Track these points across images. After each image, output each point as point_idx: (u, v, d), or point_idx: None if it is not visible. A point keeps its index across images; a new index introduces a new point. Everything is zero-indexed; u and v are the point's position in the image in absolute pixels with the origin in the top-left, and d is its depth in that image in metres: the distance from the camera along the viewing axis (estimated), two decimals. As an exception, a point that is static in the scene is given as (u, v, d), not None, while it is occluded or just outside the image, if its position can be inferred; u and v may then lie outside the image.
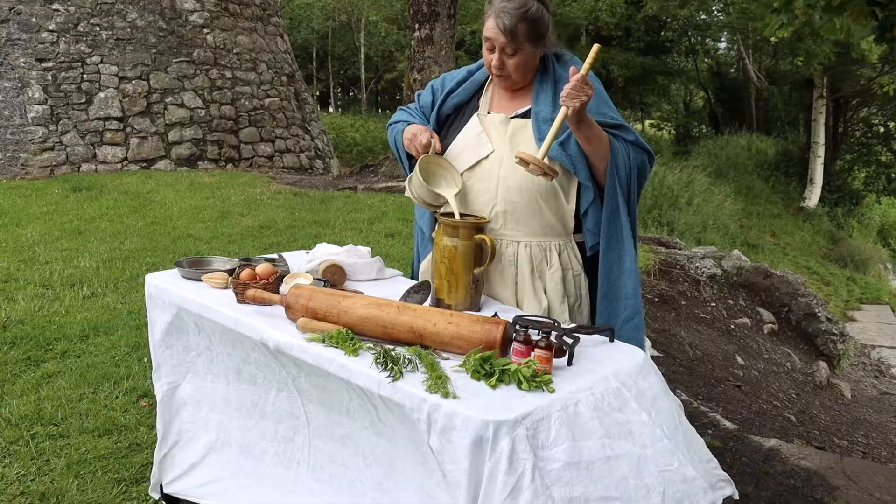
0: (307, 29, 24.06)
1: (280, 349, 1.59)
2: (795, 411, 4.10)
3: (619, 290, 1.85)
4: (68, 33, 9.23)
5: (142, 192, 7.32)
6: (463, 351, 1.48)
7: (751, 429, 3.45)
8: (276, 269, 1.91)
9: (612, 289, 1.85)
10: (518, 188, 1.85)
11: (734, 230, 11.82)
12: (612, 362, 1.51)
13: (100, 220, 6.07)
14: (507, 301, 1.91)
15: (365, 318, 1.57)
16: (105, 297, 4.09)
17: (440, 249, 1.82)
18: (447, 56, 8.57)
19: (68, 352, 3.31)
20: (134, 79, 9.44)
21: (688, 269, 5.74)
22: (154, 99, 9.56)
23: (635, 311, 1.86)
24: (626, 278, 1.84)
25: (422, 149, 1.90)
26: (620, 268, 1.84)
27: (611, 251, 1.85)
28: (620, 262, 1.84)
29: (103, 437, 2.58)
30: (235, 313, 1.73)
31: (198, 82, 9.95)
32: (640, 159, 1.85)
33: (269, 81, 10.89)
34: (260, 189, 7.80)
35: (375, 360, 1.44)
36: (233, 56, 10.39)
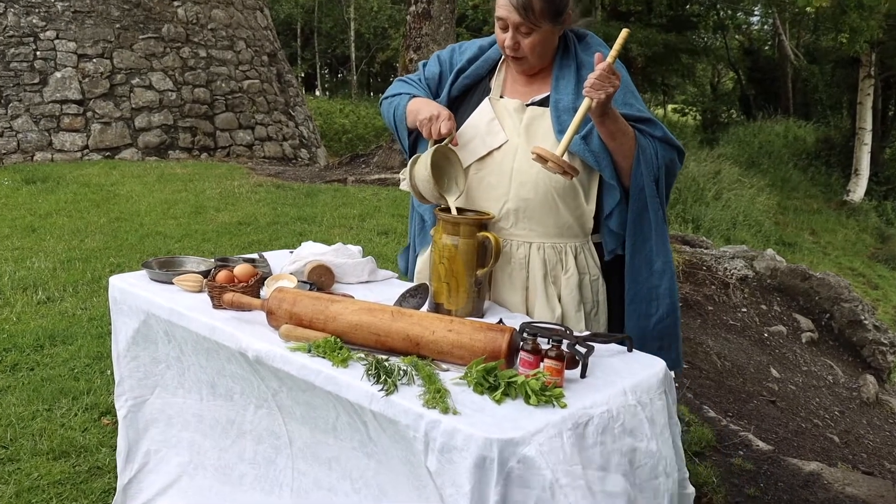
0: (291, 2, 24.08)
1: (260, 360, 1.59)
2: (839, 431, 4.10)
3: (651, 292, 1.87)
4: (17, 3, 9.22)
5: (105, 185, 7.32)
6: (464, 361, 1.49)
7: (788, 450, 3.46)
8: (256, 271, 1.91)
9: (642, 291, 1.87)
10: (533, 184, 1.85)
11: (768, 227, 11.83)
12: (631, 375, 1.51)
13: (57, 215, 6.07)
14: (516, 308, 1.91)
15: (355, 325, 1.57)
16: (63, 303, 4.09)
17: (439, 249, 1.82)
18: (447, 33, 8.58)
19: (20, 364, 3.31)
20: (95, 57, 9.45)
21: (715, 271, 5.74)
22: (118, 80, 9.57)
23: (670, 311, 1.88)
24: (658, 279, 1.86)
25: (438, 136, 1.86)
26: (650, 270, 1.86)
27: (638, 254, 1.86)
28: (649, 265, 1.86)
29: (59, 460, 2.57)
30: (210, 320, 1.73)
31: (168, 62, 9.97)
32: (668, 157, 1.86)
33: (248, 61, 10.90)
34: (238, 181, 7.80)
35: (367, 371, 1.44)
36: (207, 32, 10.41)
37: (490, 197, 1.91)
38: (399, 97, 2.02)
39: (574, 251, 1.89)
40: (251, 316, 1.76)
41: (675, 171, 1.90)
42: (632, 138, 1.80)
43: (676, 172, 1.90)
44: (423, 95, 2.00)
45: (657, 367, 1.57)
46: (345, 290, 2.04)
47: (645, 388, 1.49)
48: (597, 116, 1.74)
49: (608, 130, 1.77)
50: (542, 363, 1.43)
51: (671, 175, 1.88)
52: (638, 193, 1.83)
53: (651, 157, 1.82)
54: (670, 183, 1.89)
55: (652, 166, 1.82)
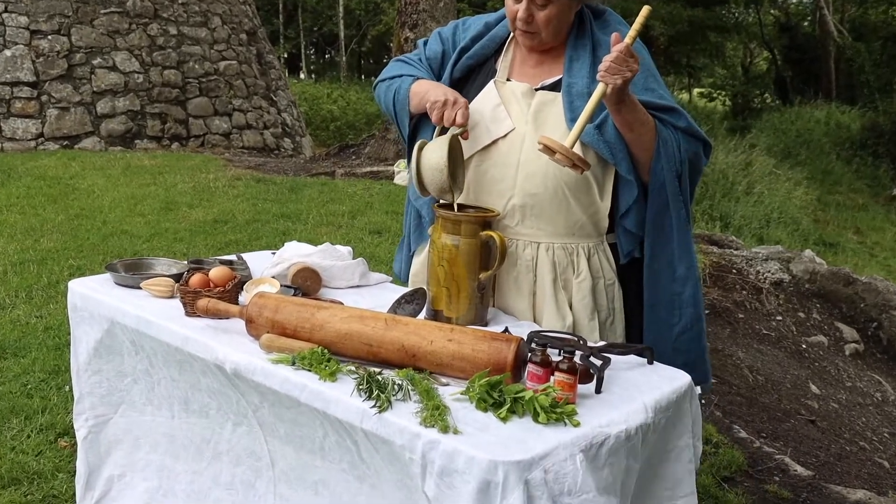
0: (271, -27, 24.09)
1: (239, 373, 1.60)
2: (889, 455, 4.10)
3: (673, 300, 1.87)
4: (-41, -29, 9.23)
5: (63, 178, 7.33)
6: (466, 375, 1.49)
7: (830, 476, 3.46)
8: (234, 274, 1.92)
9: (663, 298, 1.88)
10: (542, 177, 1.86)
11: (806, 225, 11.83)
12: (652, 389, 1.52)
13: (8, 211, 6.08)
14: (523, 315, 1.92)
15: (345, 335, 1.58)
16: (15, 310, 4.10)
17: (438, 249, 1.83)
18: (446, 8, 8.60)
19: (-34, 379, 3.32)
20: (50, 33, 9.46)
21: (746, 274, 5.75)
22: (77, 60, 9.58)
23: (694, 320, 1.89)
24: (680, 285, 1.87)
25: (452, 122, 1.86)
26: (671, 276, 1.86)
27: (658, 258, 1.87)
28: (671, 270, 1.86)
29: (9, 488, 2.57)
30: (183, 329, 1.74)
31: (133, 39, 9.98)
32: (693, 150, 1.86)
33: (225, 40, 10.92)
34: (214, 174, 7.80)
35: (358, 386, 1.44)
36: (178, 7, 10.42)
37: (494, 191, 1.92)
38: (399, 79, 2.02)
39: (587, 253, 1.90)
40: (229, 324, 1.77)
41: (701, 167, 1.90)
42: (651, 129, 1.80)
43: (702, 168, 1.91)
44: (425, 77, 2.00)
45: (681, 381, 1.58)
46: (333, 295, 2.05)
47: (667, 405, 1.49)
48: (612, 104, 1.74)
49: (625, 120, 1.78)
50: (552, 377, 1.43)
51: (696, 170, 1.89)
52: (658, 190, 1.84)
53: (673, 151, 1.82)
54: (695, 179, 1.90)
55: (674, 160, 1.82)
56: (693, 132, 1.86)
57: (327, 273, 2.10)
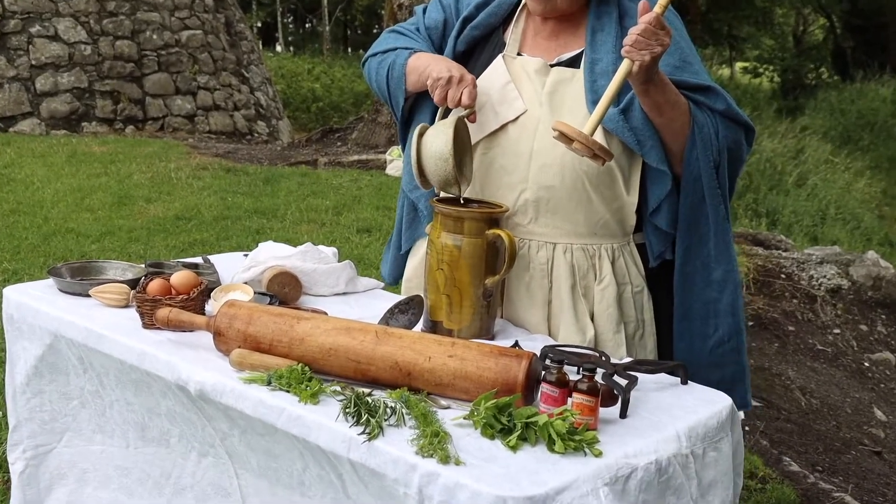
0: (241, -73, 24.08)
1: (205, 395, 1.60)
2: (968, 493, 4.09)
3: (707, 308, 1.88)
4: None
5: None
6: (469, 396, 1.50)
7: (897, 516, 3.46)
8: (199, 280, 1.92)
9: (696, 307, 1.89)
10: (559, 167, 1.86)
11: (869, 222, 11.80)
12: (686, 414, 1.52)
13: (-69, 207, 6.09)
14: (536, 328, 1.92)
15: (329, 350, 1.58)
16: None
17: (437, 250, 1.83)
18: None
19: None
20: (-19, -2, 9.46)
21: (797, 280, 5.75)
22: (11, 27, 9.59)
23: (733, 332, 1.90)
24: (716, 291, 1.88)
25: (458, 103, 1.86)
26: (707, 279, 1.88)
27: (692, 260, 1.88)
28: (707, 274, 1.87)
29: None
30: (140, 343, 1.74)
31: (79, 4, 9.99)
32: (733, 137, 1.87)
33: (188, 6, 10.94)
34: (175, 163, 7.80)
35: (344, 409, 1.45)
36: (131, -34, 10.43)
37: (503, 184, 1.92)
38: (393, 53, 2.03)
39: (611, 255, 1.90)
40: (193, 338, 1.77)
41: (742, 155, 1.91)
42: (685, 112, 1.81)
43: (744, 157, 1.92)
44: (424, 50, 2.01)
45: (721, 403, 1.58)
46: (315, 304, 2.05)
47: (704, 432, 1.49)
48: (639, 84, 1.74)
49: (654, 102, 1.78)
50: (569, 399, 1.44)
51: (737, 160, 1.89)
52: (693, 183, 1.84)
53: (710, 138, 1.82)
54: (736, 170, 1.90)
55: (711, 148, 1.83)
56: (733, 115, 1.87)
57: (308, 278, 2.11)
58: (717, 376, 1.89)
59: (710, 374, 1.87)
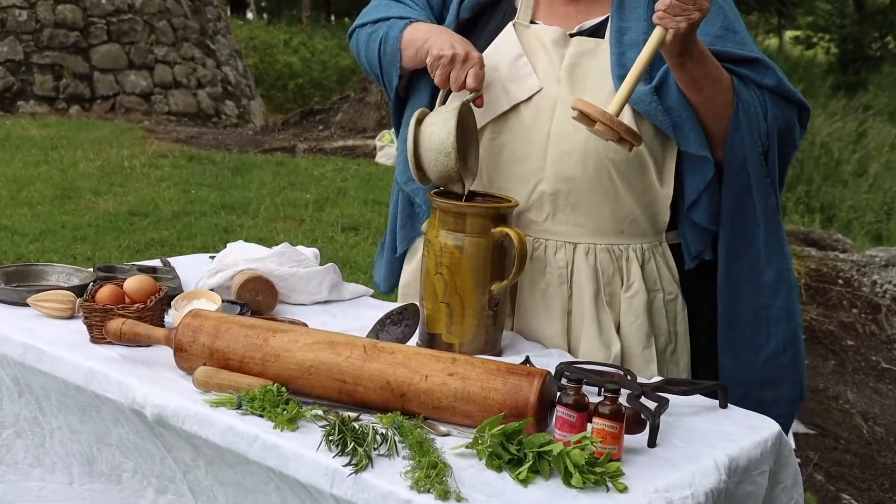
0: None
1: (164, 420, 1.59)
2: None
3: (758, 314, 1.89)
4: None
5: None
6: (473, 421, 1.49)
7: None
8: (158, 286, 1.92)
9: (743, 314, 1.89)
10: (581, 155, 1.86)
11: (944, 219, 11.81)
12: (725, 442, 1.51)
13: None
14: (552, 341, 1.92)
15: (310, 367, 1.58)
16: None
17: (435, 252, 1.83)
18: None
19: None
20: None
21: (858, 286, 5.74)
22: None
23: (788, 340, 1.90)
24: (768, 295, 1.88)
25: (462, 86, 1.85)
26: (756, 283, 1.88)
27: (737, 260, 1.88)
28: (755, 276, 1.88)
29: None
30: (87, 360, 1.73)
31: (20, -33, 9.98)
32: (784, 117, 1.86)
33: (144, -33, 10.93)
34: (129, 149, 7.81)
35: (326, 437, 1.44)
36: (81, -77, 10.43)
37: (514, 175, 1.92)
38: (386, 23, 2.02)
39: (640, 257, 1.90)
40: (150, 354, 1.76)
41: (795, 139, 1.91)
42: (727, 89, 1.80)
43: (797, 141, 1.92)
44: (422, 19, 2.00)
45: (767, 430, 1.57)
46: (294, 314, 2.05)
47: (747, 464, 1.48)
48: (673, 55, 1.74)
49: (691, 78, 1.78)
50: (589, 424, 1.43)
51: (788, 144, 1.89)
52: (737, 172, 1.84)
53: (757, 118, 1.82)
54: (787, 156, 1.90)
55: (758, 131, 1.82)
56: (785, 92, 1.86)
57: (286, 284, 2.10)
58: (772, 395, 1.89)
59: (762, 392, 1.88)
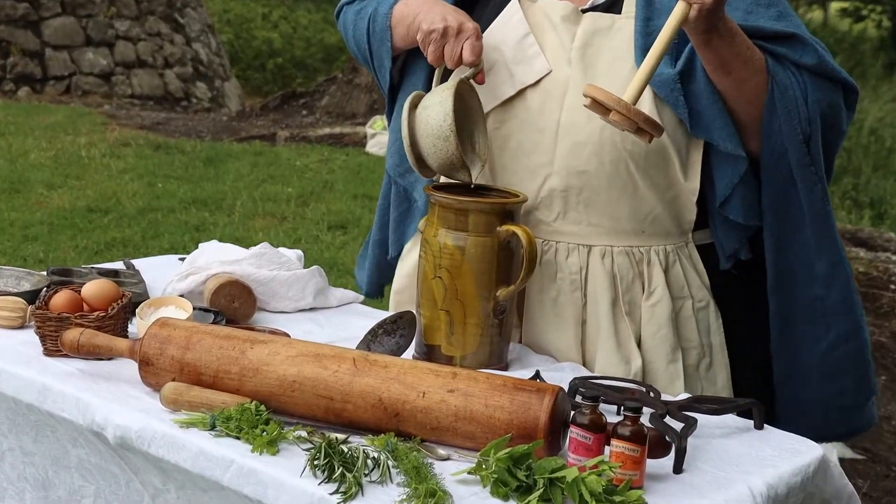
0: None
1: (128, 443, 1.59)
2: None
3: (814, 308, 1.90)
4: None
5: None
6: (476, 444, 1.49)
7: None
8: (120, 291, 1.91)
9: (801, 305, 1.90)
10: (595, 146, 1.86)
11: None
12: (761, 467, 1.51)
13: None
14: (565, 354, 1.93)
15: (293, 383, 1.58)
16: None
17: (434, 253, 1.83)
18: None
19: None
20: None
21: (911, 292, 5.74)
22: None
23: (851, 331, 1.90)
24: (822, 287, 1.89)
25: (458, 62, 1.86)
26: (809, 274, 1.89)
27: (785, 252, 1.88)
28: (807, 266, 1.89)
29: None
30: (41, 375, 1.73)
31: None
32: (828, 100, 1.85)
33: (104, -70, 10.92)
34: (87, 137, 7.81)
35: (311, 461, 1.44)
36: None
37: (521, 168, 1.92)
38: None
39: (663, 260, 1.90)
40: (112, 368, 1.76)
41: (842, 124, 1.90)
42: (760, 71, 1.80)
43: (844, 125, 1.91)
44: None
45: (808, 454, 1.57)
46: (274, 322, 2.05)
47: (787, 492, 1.48)
48: (699, 33, 1.73)
49: (718, 58, 1.78)
50: (607, 447, 1.43)
51: (834, 131, 1.89)
52: (776, 163, 1.84)
53: (796, 103, 1.82)
54: (834, 143, 1.90)
55: (798, 118, 1.82)
56: (828, 72, 1.86)
57: (265, 289, 2.10)
58: (835, 389, 1.91)
59: (824, 387, 1.89)
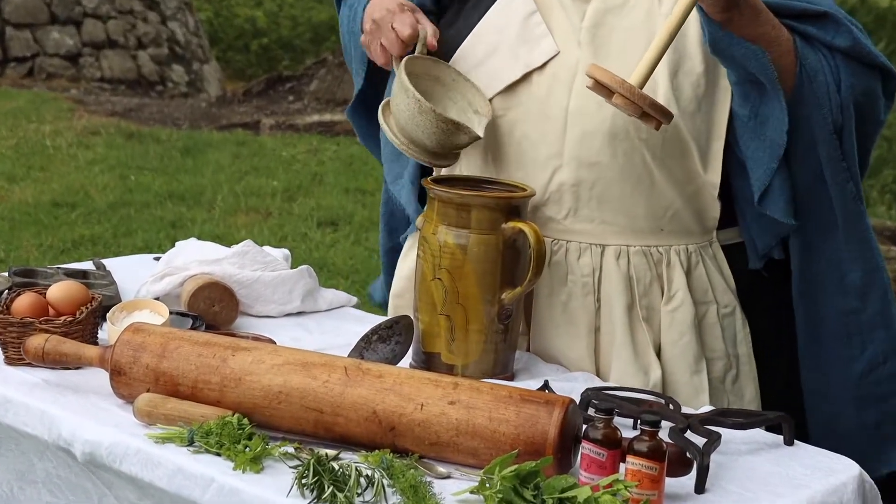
0: None
1: (97, 460, 1.59)
2: None
3: (847, 322, 1.89)
4: None
5: None
6: (479, 461, 1.49)
7: None
8: (90, 294, 1.92)
9: (830, 320, 1.90)
10: (607, 136, 1.87)
11: None
12: (792, 487, 1.51)
13: None
14: (577, 363, 1.93)
15: (279, 394, 1.58)
16: None
17: (432, 252, 1.83)
18: None
19: None
20: None
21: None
22: None
23: (891, 350, 1.89)
24: (857, 299, 1.88)
25: (399, 47, 1.89)
26: (840, 283, 1.88)
27: (814, 258, 1.88)
28: (838, 274, 1.88)
29: None
30: (1, 386, 1.74)
31: None
32: (863, 86, 1.85)
33: None
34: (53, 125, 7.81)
35: (299, 479, 1.44)
36: None
37: (528, 160, 1.93)
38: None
39: (685, 261, 1.91)
40: (80, 378, 1.76)
41: (879, 113, 1.89)
42: (788, 52, 1.79)
43: (881, 114, 1.90)
44: None
45: (844, 473, 1.57)
46: (258, 327, 2.05)
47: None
48: (718, 12, 1.73)
49: None
50: (623, 464, 1.43)
51: (870, 120, 1.88)
52: (804, 155, 1.84)
53: (827, 89, 1.81)
54: (870, 134, 1.89)
55: (829, 105, 1.81)
56: (862, 55, 1.85)
57: (249, 292, 2.10)
58: (874, 416, 1.89)
59: (862, 413, 1.88)
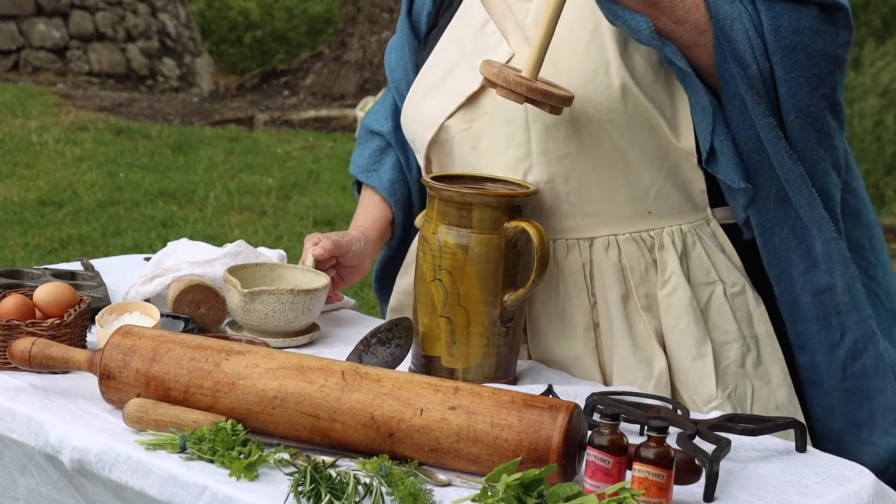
0: None
1: (86, 468, 1.59)
2: None
3: (823, 301, 1.86)
4: None
5: None
6: (480, 468, 1.50)
7: None
8: (78, 295, 1.92)
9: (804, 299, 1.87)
10: (570, 125, 1.87)
11: None
12: (804, 496, 1.51)
13: None
14: (578, 365, 1.94)
15: (273, 399, 1.59)
16: None
17: (432, 252, 1.84)
18: None
19: None
20: None
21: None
22: None
23: (866, 335, 1.86)
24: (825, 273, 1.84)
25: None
26: (807, 255, 1.85)
27: (773, 225, 1.85)
28: (805, 244, 1.85)
29: None
30: (-12, 391, 1.74)
31: None
32: (795, 24, 1.76)
33: None
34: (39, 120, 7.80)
35: (295, 487, 1.44)
36: None
37: (499, 167, 1.93)
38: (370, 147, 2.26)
39: (679, 243, 1.89)
40: (69, 383, 1.77)
41: (829, 48, 1.79)
42: (696, 7, 1.76)
43: (835, 50, 1.81)
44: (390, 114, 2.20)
45: (858, 480, 1.57)
46: (250, 331, 2.05)
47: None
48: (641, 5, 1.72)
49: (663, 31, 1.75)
50: (629, 471, 1.44)
51: (818, 58, 1.78)
52: (739, 112, 1.79)
53: (748, 34, 1.76)
54: (826, 74, 1.80)
55: (751, 52, 1.76)
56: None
57: (241, 293, 2.10)
58: (864, 414, 1.87)
59: (853, 409, 1.86)
